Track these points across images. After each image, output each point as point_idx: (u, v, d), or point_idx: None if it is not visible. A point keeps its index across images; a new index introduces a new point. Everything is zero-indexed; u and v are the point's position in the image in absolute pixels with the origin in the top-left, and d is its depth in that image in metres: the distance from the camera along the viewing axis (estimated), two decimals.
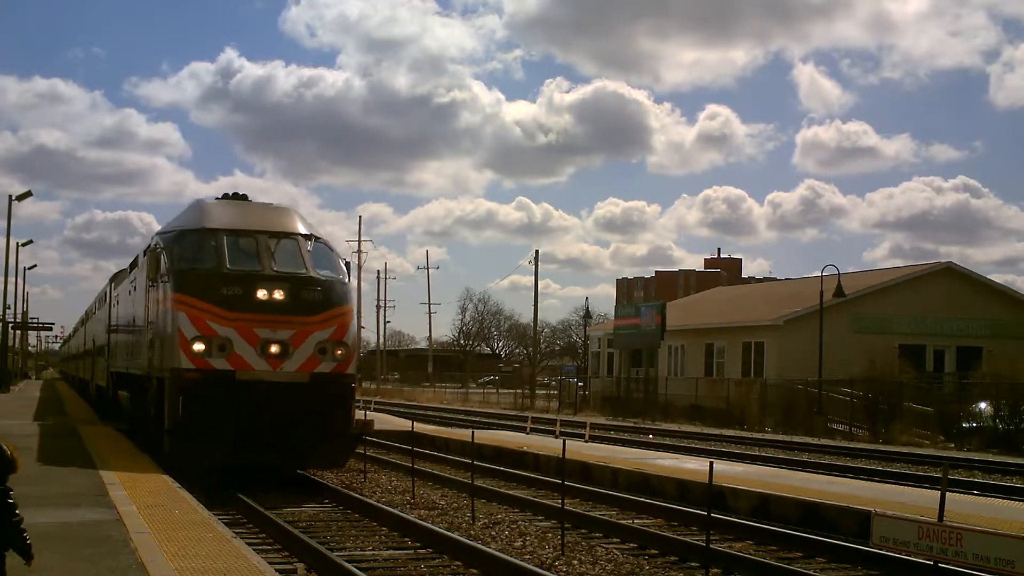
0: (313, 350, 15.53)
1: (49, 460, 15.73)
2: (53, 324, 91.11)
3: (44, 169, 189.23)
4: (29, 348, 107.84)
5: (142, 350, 17.91)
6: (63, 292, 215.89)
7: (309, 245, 16.61)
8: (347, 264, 17.21)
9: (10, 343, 65.44)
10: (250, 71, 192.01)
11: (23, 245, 68.20)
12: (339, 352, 15.79)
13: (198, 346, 15.03)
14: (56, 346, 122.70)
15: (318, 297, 15.83)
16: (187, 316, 15.21)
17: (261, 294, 15.43)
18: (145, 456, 16.86)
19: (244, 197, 18.62)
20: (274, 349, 15.28)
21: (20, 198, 52.81)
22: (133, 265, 22.05)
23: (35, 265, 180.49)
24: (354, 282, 17.45)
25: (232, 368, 15.10)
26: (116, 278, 27.28)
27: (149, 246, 18.01)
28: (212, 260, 15.88)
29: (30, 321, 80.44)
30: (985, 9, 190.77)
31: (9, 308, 59.73)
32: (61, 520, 10.13)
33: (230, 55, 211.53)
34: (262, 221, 16.96)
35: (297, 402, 15.34)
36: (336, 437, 15.84)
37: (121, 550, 8.69)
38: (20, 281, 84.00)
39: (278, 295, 15.50)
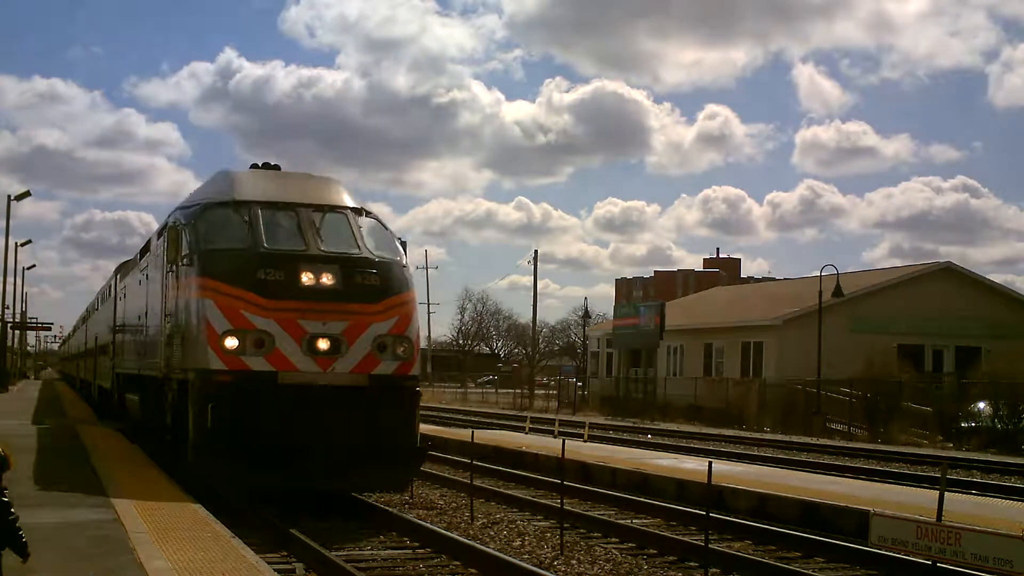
0: (371, 347, 13.09)
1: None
2: (52, 324, 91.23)
3: (43, 169, 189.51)
4: (28, 348, 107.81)
5: (157, 348, 15.47)
6: (62, 292, 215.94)
7: (360, 220, 14.19)
8: (403, 243, 14.67)
9: (9, 343, 65.37)
10: (249, 71, 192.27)
11: (22, 245, 68.25)
12: (401, 349, 13.35)
13: (230, 342, 12.60)
14: (55, 346, 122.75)
15: (375, 281, 13.38)
16: (216, 305, 12.75)
17: (306, 278, 12.98)
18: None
19: (276, 167, 15.91)
20: (324, 345, 12.83)
21: (19, 198, 52.78)
22: (144, 251, 19.44)
23: (34, 265, 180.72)
24: (411, 266, 14.51)
25: (273, 368, 12.63)
26: (122, 269, 25.05)
27: (167, 224, 15.57)
28: (246, 238, 13.42)
29: (29, 321, 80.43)
30: (985, 9, 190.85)
31: (8, 308, 59.72)
32: None
33: (229, 55, 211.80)
34: (303, 192, 14.49)
35: (353, 411, 12.82)
36: (400, 454, 13.19)
37: None
38: (19, 281, 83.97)
39: (327, 279, 13.02)
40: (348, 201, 14.54)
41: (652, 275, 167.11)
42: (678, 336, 50.50)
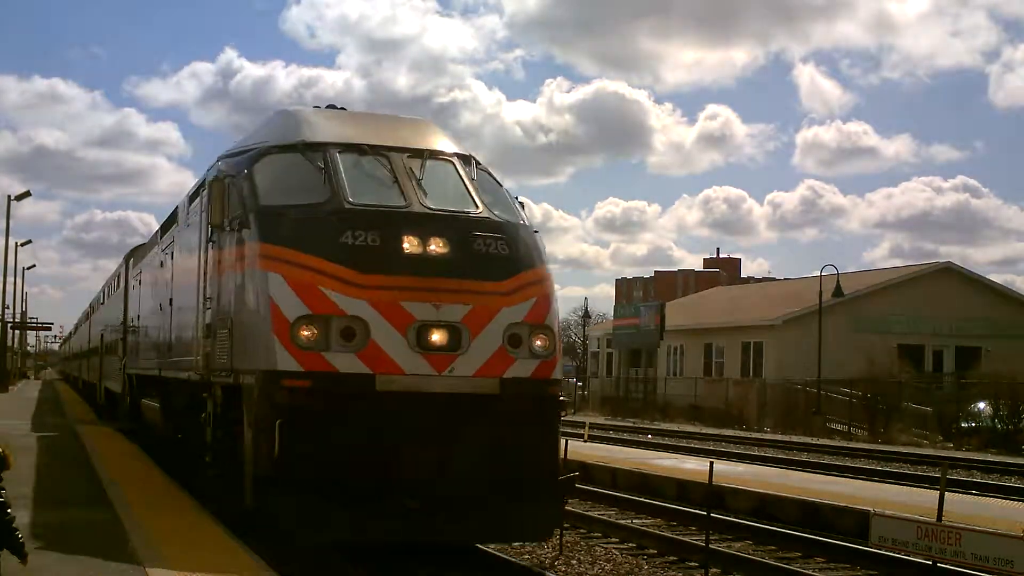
0: (502, 340, 9.55)
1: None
2: (52, 324, 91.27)
3: (44, 169, 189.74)
4: (28, 348, 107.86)
5: (190, 343, 12.12)
6: (62, 292, 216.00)
7: (472, 171, 10.75)
8: (521, 205, 11.07)
9: (9, 343, 65.39)
10: (250, 71, 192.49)
11: (22, 245, 68.30)
12: (540, 342, 9.79)
13: (307, 331, 9.07)
14: (55, 346, 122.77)
15: (503, 250, 9.85)
16: (286, 281, 9.24)
17: (410, 244, 9.42)
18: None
19: (343, 110, 12.07)
20: (438, 338, 9.27)
21: (19, 198, 52.83)
22: (168, 225, 15.83)
23: (34, 265, 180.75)
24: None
25: (368, 370, 9.08)
26: (136, 254, 21.78)
27: (204, 180, 12.10)
28: (323, 191, 9.81)
29: (29, 321, 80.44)
30: (985, 9, 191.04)
31: (8, 308, 59.75)
32: None
33: (230, 55, 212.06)
34: (393, 135, 10.92)
35: (479, 430, 9.25)
36: (542, 488, 9.56)
37: None
38: (19, 281, 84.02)
39: (438, 247, 9.51)
40: (453, 147, 11.09)
41: (652, 275, 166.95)
42: (678, 336, 50.51)
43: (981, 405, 33.50)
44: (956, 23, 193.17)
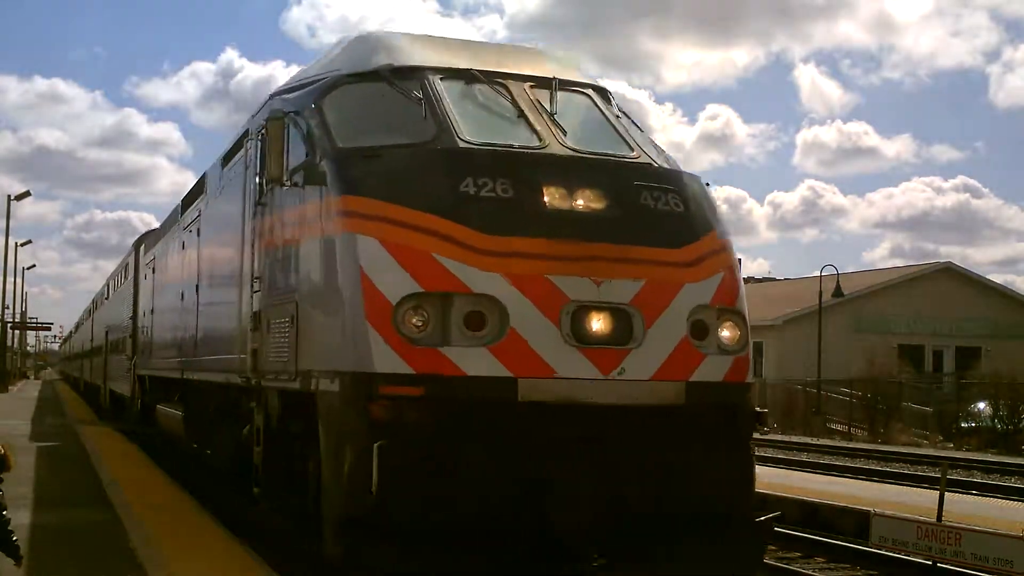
0: (686, 329, 7.14)
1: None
2: (52, 324, 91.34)
3: (44, 169, 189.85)
4: (28, 348, 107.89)
5: (229, 337, 9.81)
6: (62, 292, 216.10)
7: (613, 108, 8.52)
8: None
9: (9, 343, 65.41)
10: (251, 71, 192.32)
11: (22, 245, 68.32)
12: (731, 333, 7.60)
13: (418, 317, 6.60)
14: (55, 346, 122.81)
15: (677, 208, 7.38)
16: (385, 246, 6.72)
17: (554, 198, 6.98)
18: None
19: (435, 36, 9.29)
20: (601, 325, 6.82)
21: (19, 198, 52.88)
22: (193, 197, 13.38)
23: (34, 265, 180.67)
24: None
25: (508, 373, 6.61)
26: (147, 240, 19.57)
27: (246, 130, 9.73)
28: (424, 127, 7.40)
29: (29, 321, 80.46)
30: (987, 10, 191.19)
31: (8, 308, 59.77)
32: None
33: (231, 55, 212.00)
34: (508, 60, 8.35)
35: (659, 454, 6.85)
36: (741, 529, 7.40)
37: None
38: (19, 281, 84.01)
39: (591, 200, 7.08)
40: (583, 77, 8.64)
41: None
42: None
43: (981, 405, 33.49)
44: (957, 23, 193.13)
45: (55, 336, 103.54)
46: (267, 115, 8.28)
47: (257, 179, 8.92)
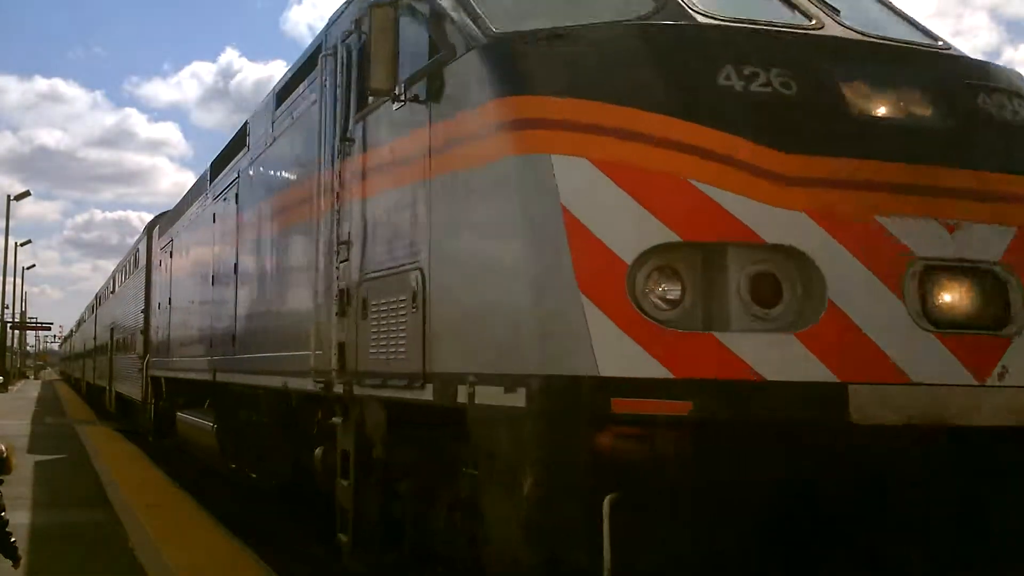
0: None
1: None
2: (51, 324, 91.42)
3: (44, 169, 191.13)
4: (28, 348, 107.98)
5: (292, 326, 7.64)
6: (62, 292, 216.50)
7: None
8: None
9: (8, 343, 65.46)
10: (251, 71, 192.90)
11: (21, 245, 68.47)
12: None
13: (672, 287, 4.25)
14: (55, 346, 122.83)
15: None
16: (600, 170, 4.25)
17: (858, 97, 4.54)
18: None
19: None
20: (962, 298, 4.44)
21: (18, 198, 52.99)
22: (228, 156, 11.11)
23: (33, 265, 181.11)
24: None
25: (831, 375, 4.15)
26: (161, 220, 17.40)
27: (322, 40, 7.36)
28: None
29: (29, 321, 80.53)
30: (987, 10, 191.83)
31: (8, 308, 59.80)
32: None
33: (231, 55, 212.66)
34: None
35: None
36: None
37: None
38: (19, 281, 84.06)
39: (909, 103, 4.63)
40: None
41: None
42: None
43: None
44: (958, 23, 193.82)
45: (55, 336, 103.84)
46: (352, 14, 6.45)
47: (339, 107, 6.67)
